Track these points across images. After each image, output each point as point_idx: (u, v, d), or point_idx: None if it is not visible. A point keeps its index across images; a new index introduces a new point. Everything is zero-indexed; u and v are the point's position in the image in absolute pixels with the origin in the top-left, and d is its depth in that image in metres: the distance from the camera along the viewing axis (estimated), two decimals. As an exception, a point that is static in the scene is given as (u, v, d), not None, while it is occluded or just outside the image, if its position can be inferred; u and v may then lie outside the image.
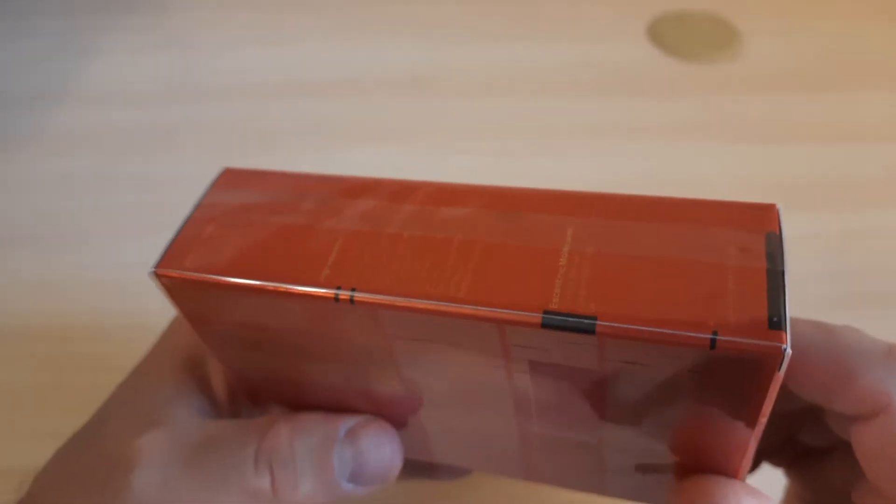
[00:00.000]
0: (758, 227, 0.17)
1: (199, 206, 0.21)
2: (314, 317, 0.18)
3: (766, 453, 0.25)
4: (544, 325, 0.16)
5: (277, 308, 0.18)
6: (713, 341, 0.15)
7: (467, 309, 0.16)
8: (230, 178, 0.22)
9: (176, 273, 0.19)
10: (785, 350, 0.15)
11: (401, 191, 0.19)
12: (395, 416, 0.21)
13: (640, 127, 0.45)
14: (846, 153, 0.44)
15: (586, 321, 0.15)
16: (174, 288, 0.19)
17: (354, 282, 0.17)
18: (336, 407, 0.22)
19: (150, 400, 0.22)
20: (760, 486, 0.23)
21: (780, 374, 0.15)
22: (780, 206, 0.17)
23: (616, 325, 0.15)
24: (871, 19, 0.51)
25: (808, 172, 0.43)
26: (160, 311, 0.36)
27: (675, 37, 0.50)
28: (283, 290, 0.17)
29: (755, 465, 0.25)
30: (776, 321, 0.15)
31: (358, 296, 0.17)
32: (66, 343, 0.35)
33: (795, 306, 0.21)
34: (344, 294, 0.17)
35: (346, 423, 0.21)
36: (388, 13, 0.49)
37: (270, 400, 0.24)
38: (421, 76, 0.46)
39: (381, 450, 0.21)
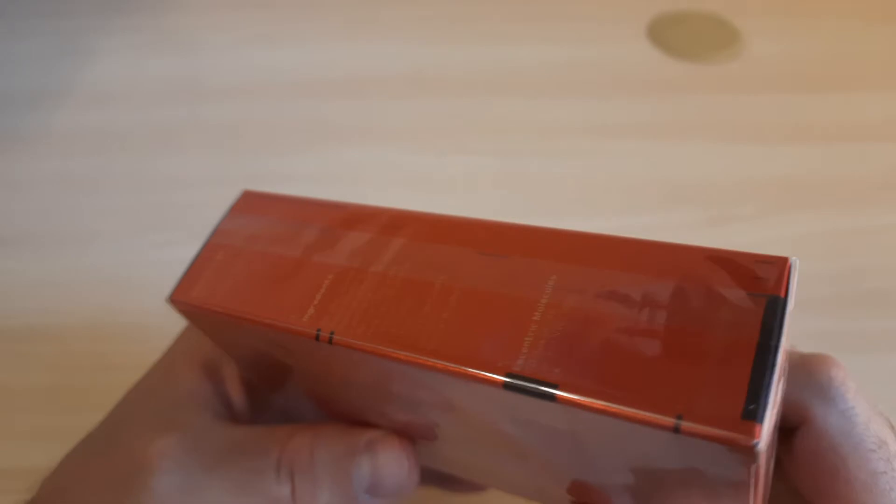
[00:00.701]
0: (760, 288, 0.15)
1: (216, 232, 0.22)
2: (306, 350, 0.18)
3: None
4: (506, 388, 0.15)
5: (276, 339, 0.19)
6: (677, 426, 0.13)
7: (434, 362, 0.16)
8: (247, 203, 0.23)
9: (184, 302, 0.20)
10: (756, 445, 0.13)
11: (395, 223, 0.19)
12: (410, 432, 0.21)
13: (640, 127, 0.45)
14: (846, 153, 0.44)
15: (548, 389, 0.15)
16: (186, 313, 0.20)
17: (335, 323, 0.17)
18: (353, 417, 0.22)
19: (168, 403, 0.22)
20: None
21: (758, 466, 0.14)
22: (794, 261, 0.15)
23: (577, 397, 0.14)
24: (870, 19, 0.51)
25: (807, 172, 0.43)
26: (160, 310, 0.36)
27: (675, 37, 0.50)
28: (272, 324, 0.18)
29: None
30: (752, 409, 0.13)
31: (336, 338, 0.17)
32: (66, 343, 0.35)
33: (795, 306, 0.21)
34: (324, 334, 0.17)
35: (366, 435, 0.21)
36: (389, 13, 0.49)
37: (289, 399, 0.24)
38: (421, 76, 0.46)
39: (400, 464, 0.21)
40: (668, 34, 0.50)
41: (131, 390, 0.24)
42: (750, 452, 0.13)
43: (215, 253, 0.21)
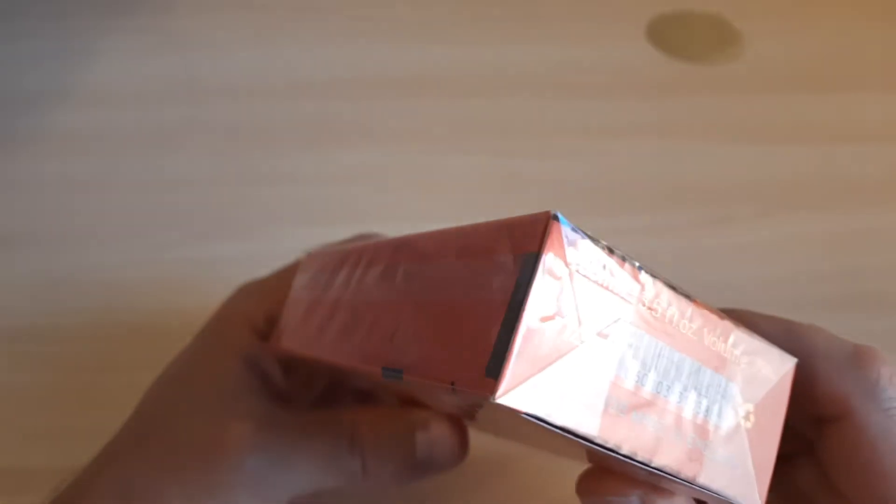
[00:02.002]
0: (523, 248, 0.15)
1: (293, 289, 0.25)
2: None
3: None
4: (384, 377, 0.17)
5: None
6: (453, 388, 0.15)
7: (345, 362, 0.20)
8: (310, 260, 0.26)
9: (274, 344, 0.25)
10: (492, 399, 0.13)
11: (359, 258, 0.22)
12: (457, 413, 0.24)
13: (640, 127, 0.45)
14: (846, 153, 0.44)
15: (398, 373, 0.17)
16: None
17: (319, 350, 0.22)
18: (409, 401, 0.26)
19: (223, 392, 0.24)
20: None
21: (528, 415, 0.14)
22: (557, 213, 0.14)
23: (410, 377, 0.16)
24: (871, 20, 0.51)
25: (807, 172, 0.43)
26: (160, 310, 0.36)
27: (674, 37, 0.50)
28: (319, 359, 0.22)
29: None
30: (492, 367, 0.14)
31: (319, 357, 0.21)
32: (66, 343, 0.35)
33: (796, 305, 0.21)
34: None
35: (422, 415, 0.25)
36: (388, 13, 0.49)
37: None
38: (421, 76, 0.46)
39: (451, 438, 0.25)
40: (668, 34, 0.50)
41: (169, 382, 0.25)
42: (488, 399, 0.14)
43: (290, 307, 0.25)
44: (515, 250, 0.15)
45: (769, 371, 0.18)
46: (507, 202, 0.41)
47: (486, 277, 0.15)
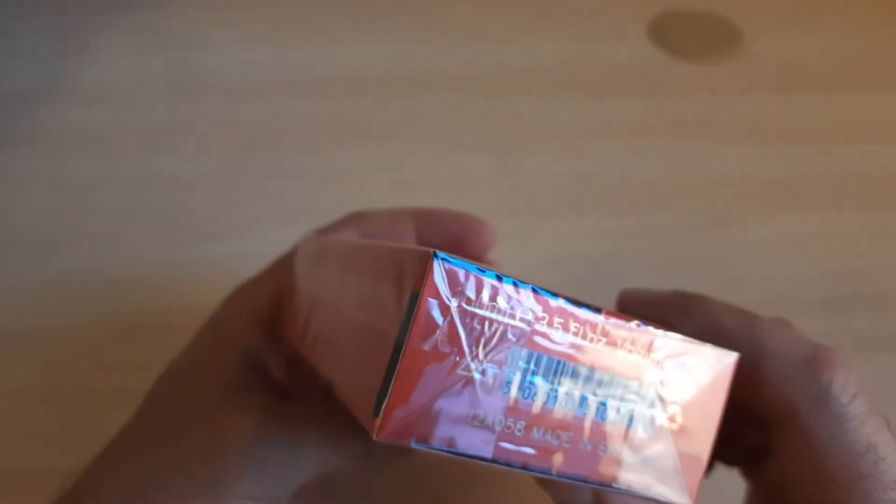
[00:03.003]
0: (406, 284, 0.15)
1: (295, 277, 0.26)
2: None
3: (716, 453, 0.24)
4: (326, 384, 0.20)
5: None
6: (356, 415, 0.16)
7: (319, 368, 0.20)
8: (304, 248, 0.26)
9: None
10: (375, 437, 0.15)
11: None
12: None
13: (640, 127, 0.45)
14: (847, 153, 0.44)
15: (331, 383, 0.18)
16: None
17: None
18: None
19: (221, 389, 0.24)
20: (725, 487, 0.23)
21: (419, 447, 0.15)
22: (437, 252, 0.15)
23: (337, 391, 0.18)
24: (872, 19, 0.51)
25: (808, 172, 0.43)
26: (160, 310, 0.36)
27: (675, 36, 0.50)
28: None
29: (709, 468, 0.25)
30: (377, 406, 0.15)
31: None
32: (66, 343, 0.35)
33: (795, 305, 0.21)
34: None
35: None
36: (388, 12, 0.49)
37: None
38: (421, 76, 0.46)
39: None
40: (669, 33, 0.50)
41: (172, 378, 0.25)
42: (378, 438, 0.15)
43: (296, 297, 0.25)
44: (403, 286, 0.15)
45: (702, 371, 0.19)
46: (508, 202, 0.41)
47: (384, 308, 0.16)
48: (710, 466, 0.25)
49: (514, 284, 0.16)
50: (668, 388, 0.18)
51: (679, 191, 0.42)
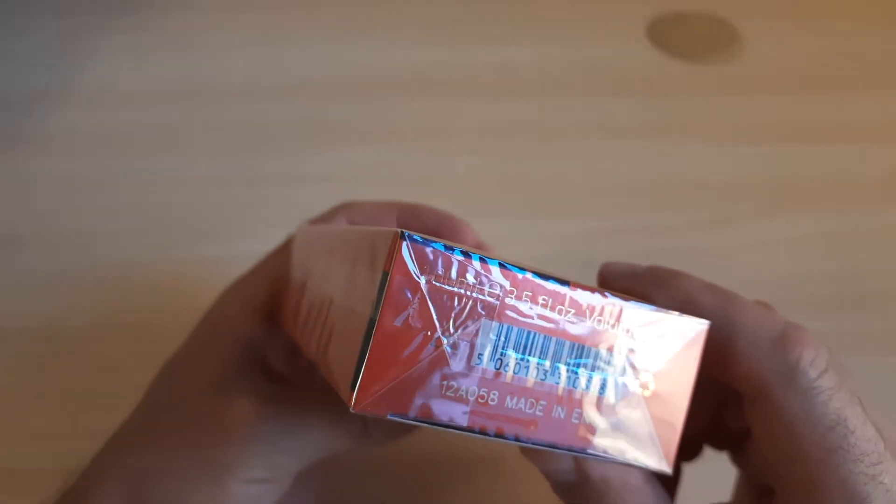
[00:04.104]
0: (377, 264, 0.16)
1: (292, 265, 0.26)
2: None
3: (703, 437, 0.25)
4: (312, 367, 0.20)
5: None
6: (338, 391, 0.17)
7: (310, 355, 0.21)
8: (300, 237, 0.26)
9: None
10: (351, 410, 0.15)
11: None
12: None
13: (640, 127, 0.45)
14: (846, 153, 0.44)
15: (315, 363, 0.19)
16: None
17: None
18: None
19: (221, 378, 0.24)
20: (714, 473, 0.23)
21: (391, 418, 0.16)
22: (405, 231, 0.16)
23: (321, 369, 0.18)
24: (870, 20, 0.51)
25: (808, 172, 0.43)
26: (160, 310, 0.36)
27: (674, 37, 0.50)
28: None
29: (697, 452, 0.25)
30: (353, 381, 0.16)
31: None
32: (66, 343, 0.35)
33: (795, 305, 0.21)
34: None
35: None
36: (388, 13, 0.49)
37: None
38: (421, 76, 0.46)
39: None
40: (668, 34, 0.50)
41: (172, 370, 0.26)
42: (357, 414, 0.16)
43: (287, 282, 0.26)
44: (376, 266, 0.16)
45: (673, 338, 0.19)
46: (508, 202, 0.41)
47: (360, 288, 0.17)
48: (699, 451, 0.25)
49: (482, 260, 0.16)
50: (639, 356, 0.19)
51: (678, 191, 0.42)
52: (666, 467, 0.19)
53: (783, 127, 0.45)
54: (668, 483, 0.22)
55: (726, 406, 0.23)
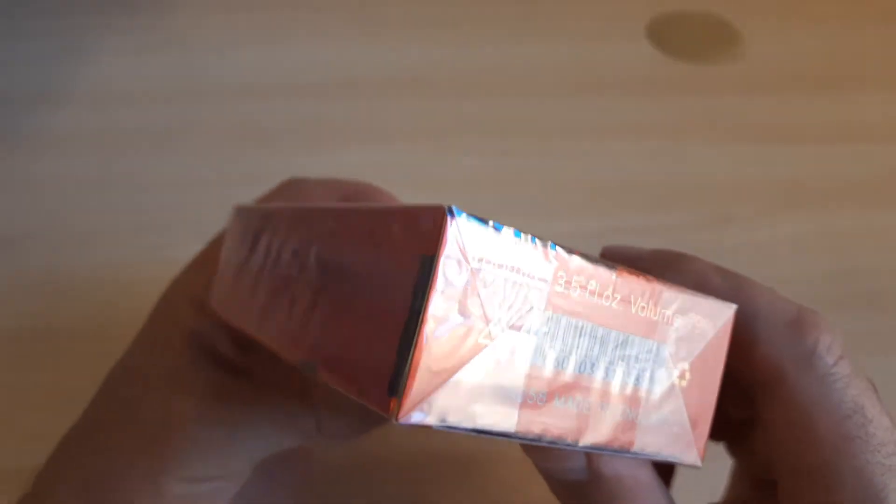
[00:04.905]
0: (416, 245, 0.14)
1: (223, 250, 0.24)
2: None
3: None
4: (301, 369, 0.17)
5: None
6: (359, 396, 0.14)
7: (268, 342, 0.19)
8: (237, 218, 0.24)
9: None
10: (397, 421, 0.13)
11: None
12: None
13: (640, 127, 0.45)
14: (846, 153, 0.44)
15: (312, 367, 0.16)
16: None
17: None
18: None
19: (171, 369, 0.23)
20: (709, 463, 0.23)
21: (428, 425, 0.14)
22: (452, 206, 0.13)
23: (322, 375, 0.16)
24: (871, 20, 0.51)
25: (808, 173, 0.43)
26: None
27: (674, 37, 0.50)
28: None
29: None
30: (393, 384, 0.13)
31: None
32: (66, 343, 0.35)
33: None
34: None
35: None
36: (388, 13, 0.49)
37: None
38: (421, 76, 0.46)
39: None
40: (668, 34, 0.50)
41: (120, 369, 0.25)
42: (401, 422, 0.13)
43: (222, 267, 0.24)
44: (413, 248, 0.14)
45: (706, 324, 0.18)
46: (507, 202, 0.41)
47: (387, 275, 0.14)
48: None
49: (532, 240, 0.14)
50: (678, 344, 0.17)
51: (678, 191, 0.42)
52: (698, 461, 0.18)
53: (783, 127, 0.45)
54: (664, 477, 0.21)
55: (729, 396, 0.23)
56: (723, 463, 0.24)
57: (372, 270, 0.15)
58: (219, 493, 0.22)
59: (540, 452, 0.18)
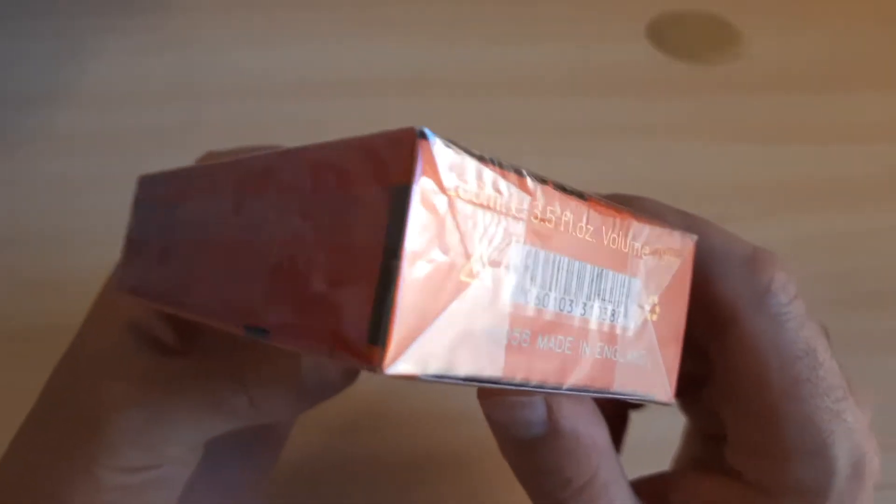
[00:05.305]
0: (385, 177, 0.12)
1: (129, 224, 0.23)
2: None
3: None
4: (248, 335, 0.15)
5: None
6: (331, 353, 0.13)
7: (197, 316, 0.17)
8: (146, 188, 0.22)
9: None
10: (382, 370, 0.12)
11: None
12: None
13: (640, 127, 0.45)
14: (848, 154, 0.44)
15: (262, 332, 0.14)
16: None
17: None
18: None
19: (104, 354, 0.23)
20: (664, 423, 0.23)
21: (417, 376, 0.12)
22: (425, 130, 0.12)
23: (277, 339, 0.14)
24: (871, 19, 0.51)
25: (808, 172, 0.43)
26: (160, 311, 0.36)
27: (674, 37, 0.50)
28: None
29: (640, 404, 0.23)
30: (374, 333, 0.12)
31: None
32: (66, 343, 0.35)
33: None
34: None
35: None
36: (388, 13, 0.49)
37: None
38: (421, 77, 0.46)
39: None
40: (668, 34, 0.50)
41: (61, 362, 0.24)
42: (380, 371, 0.12)
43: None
44: (381, 181, 0.12)
45: (671, 256, 0.17)
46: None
47: (348, 214, 0.13)
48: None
49: (506, 168, 0.13)
50: (648, 277, 0.16)
51: (678, 191, 0.42)
52: (672, 398, 0.17)
53: (784, 127, 0.45)
54: (614, 434, 0.21)
55: (683, 350, 0.23)
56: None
57: (326, 213, 0.13)
58: (162, 483, 0.21)
59: (498, 404, 0.17)
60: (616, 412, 0.24)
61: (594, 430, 0.18)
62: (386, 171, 0.12)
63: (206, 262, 0.17)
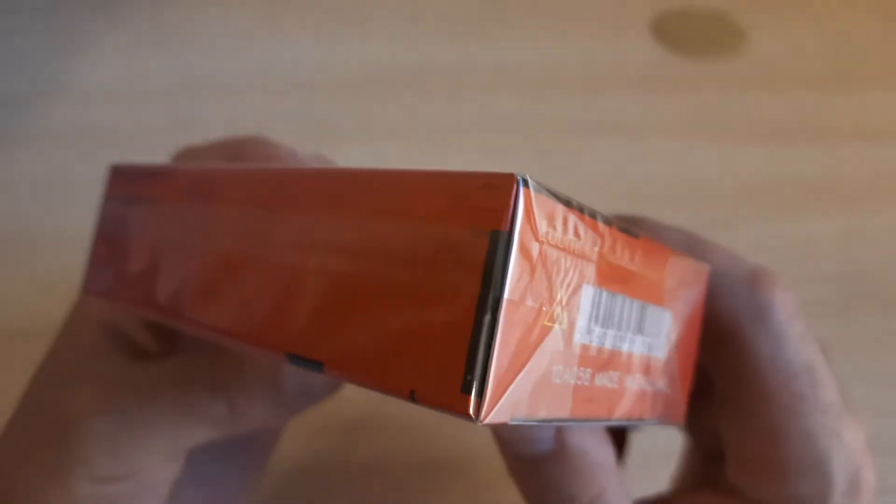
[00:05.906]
0: (485, 223, 0.12)
1: (100, 222, 0.22)
2: None
3: None
4: (290, 363, 0.14)
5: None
6: (413, 398, 0.12)
7: (230, 340, 0.16)
8: (119, 183, 0.21)
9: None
10: (475, 420, 0.11)
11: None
12: None
13: (643, 125, 0.44)
14: (851, 153, 0.44)
15: (316, 365, 0.14)
16: None
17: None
18: None
19: (79, 360, 0.22)
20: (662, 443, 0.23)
21: (509, 424, 0.12)
22: (526, 176, 0.12)
23: (338, 371, 0.14)
24: (876, 17, 0.50)
25: (812, 172, 0.43)
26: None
27: (678, 34, 0.49)
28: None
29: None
30: (469, 380, 0.11)
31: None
32: (65, 343, 0.35)
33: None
34: None
35: None
36: (388, 10, 0.49)
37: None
38: (422, 75, 0.46)
39: None
40: (672, 31, 0.49)
41: (40, 367, 0.24)
42: (473, 421, 0.11)
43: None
44: (474, 223, 0.12)
45: (693, 286, 0.18)
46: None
47: (433, 255, 0.12)
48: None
49: (584, 211, 0.13)
50: (675, 308, 0.17)
51: (679, 191, 0.42)
52: (682, 420, 0.18)
53: (787, 125, 0.45)
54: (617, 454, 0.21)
55: None
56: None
57: (402, 248, 0.13)
58: (138, 493, 0.20)
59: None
60: (616, 432, 0.24)
61: (601, 450, 0.18)
62: (481, 214, 0.12)
63: (210, 274, 0.16)
